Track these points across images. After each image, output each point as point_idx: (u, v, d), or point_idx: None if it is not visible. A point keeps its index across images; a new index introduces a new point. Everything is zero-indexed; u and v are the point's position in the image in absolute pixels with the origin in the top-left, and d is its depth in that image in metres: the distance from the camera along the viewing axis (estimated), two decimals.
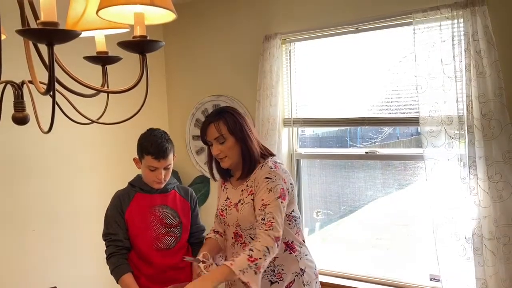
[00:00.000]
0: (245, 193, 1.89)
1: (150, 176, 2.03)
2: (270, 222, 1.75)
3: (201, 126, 1.94)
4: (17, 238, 2.62)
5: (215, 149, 1.89)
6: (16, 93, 1.03)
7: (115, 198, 2.09)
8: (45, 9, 0.76)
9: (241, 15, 3.21)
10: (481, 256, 2.27)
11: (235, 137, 1.87)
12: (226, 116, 1.88)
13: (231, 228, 1.93)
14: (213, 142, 1.90)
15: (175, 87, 3.64)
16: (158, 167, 1.99)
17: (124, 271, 1.97)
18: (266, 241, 1.72)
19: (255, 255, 1.68)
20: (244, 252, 1.71)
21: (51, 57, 0.74)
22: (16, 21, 0.99)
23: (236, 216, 1.88)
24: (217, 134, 1.87)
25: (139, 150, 2.03)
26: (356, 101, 2.84)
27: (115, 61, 1.16)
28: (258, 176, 1.85)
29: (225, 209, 1.96)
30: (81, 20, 1.12)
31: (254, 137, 1.93)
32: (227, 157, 1.89)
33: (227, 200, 1.97)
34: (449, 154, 2.37)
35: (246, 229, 1.87)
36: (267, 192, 1.80)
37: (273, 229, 1.74)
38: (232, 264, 1.66)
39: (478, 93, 2.23)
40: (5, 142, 2.55)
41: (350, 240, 3.18)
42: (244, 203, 1.87)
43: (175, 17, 0.99)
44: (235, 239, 1.92)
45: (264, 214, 1.76)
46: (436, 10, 2.34)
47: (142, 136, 2.06)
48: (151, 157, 1.97)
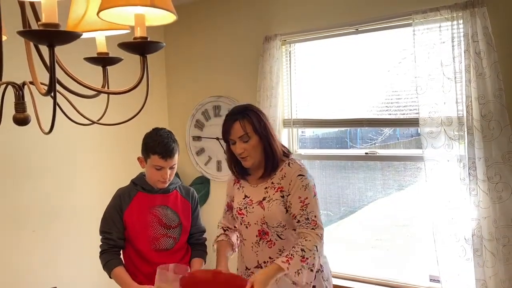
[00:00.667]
0: (271, 190, 1.88)
1: (155, 176, 2.01)
2: (314, 220, 1.81)
3: (224, 123, 1.90)
4: (17, 238, 2.62)
5: (238, 148, 1.86)
6: (17, 94, 1.03)
7: (116, 197, 2.08)
8: (46, 10, 0.76)
9: (241, 16, 3.21)
10: (480, 257, 2.28)
11: (259, 136, 1.86)
12: (251, 115, 1.87)
13: (254, 226, 1.90)
14: (236, 141, 1.87)
15: (175, 88, 3.64)
16: (164, 167, 1.98)
17: (115, 265, 1.99)
18: (314, 240, 1.78)
19: (307, 255, 1.74)
20: (296, 252, 1.74)
21: (52, 58, 0.75)
22: (17, 22, 0.99)
23: (261, 213, 1.87)
24: (242, 132, 1.84)
25: (145, 150, 2.02)
26: (356, 102, 2.85)
27: (116, 62, 1.16)
28: (290, 174, 1.86)
29: (244, 208, 1.93)
30: (82, 21, 1.12)
31: (275, 136, 1.94)
32: (250, 156, 1.87)
33: (246, 198, 1.94)
34: (449, 155, 2.37)
35: (274, 226, 1.86)
36: (304, 190, 1.83)
37: (318, 227, 1.81)
38: (288, 268, 1.70)
39: (478, 94, 2.24)
40: (6, 143, 2.55)
41: (350, 241, 3.18)
42: (271, 200, 1.87)
43: (176, 18, 0.99)
44: (260, 237, 1.89)
45: (307, 214, 1.81)
46: (436, 11, 2.35)
47: (148, 135, 2.04)
48: (158, 157, 1.95)
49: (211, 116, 3.42)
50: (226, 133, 1.89)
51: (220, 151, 3.38)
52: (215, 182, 3.44)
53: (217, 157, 3.42)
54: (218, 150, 3.39)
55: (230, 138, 1.89)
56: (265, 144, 1.87)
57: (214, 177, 3.44)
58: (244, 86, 3.21)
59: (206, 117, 3.44)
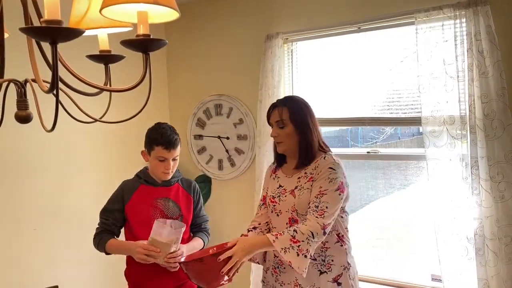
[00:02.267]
0: (303, 180, 1.93)
1: (159, 167, 2.10)
2: (322, 210, 1.81)
3: (269, 107, 2.03)
4: (18, 237, 2.62)
5: (273, 131, 1.98)
6: (19, 92, 1.03)
7: (119, 190, 2.17)
8: (49, 7, 0.76)
9: (243, 15, 3.20)
10: (483, 256, 2.27)
11: (295, 126, 1.93)
12: (292, 104, 1.96)
13: (285, 214, 1.95)
14: (274, 124, 1.98)
15: (177, 87, 3.64)
16: (167, 158, 2.07)
17: (107, 239, 2.09)
18: (313, 226, 1.78)
19: (298, 237, 1.76)
20: (288, 231, 1.78)
21: (55, 56, 0.74)
22: (19, 19, 0.98)
23: (292, 201, 1.92)
24: (278, 117, 1.95)
25: (149, 142, 2.11)
26: (357, 101, 2.84)
27: (118, 59, 1.16)
28: (322, 165, 1.90)
29: (277, 196, 1.99)
30: (84, 18, 1.12)
31: (316, 130, 1.98)
32: (283, 143, 1.96)
33: (280, 187, 2.00)
34: (451, 154, 2.36)
35: (303, 214, 1.90)
36: (327, 182, 1.85)
37: (324, 217, 1.80)
38: (274, 241, 1.75)
39: (481, 93, 2.23)
40: (8, 140, 2.55)
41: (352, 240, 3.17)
42: (302, 188, 1.91)
43: (178, 15, 0.99)
44: (290, 224, 1.93)
45: (319, 202, 1.83)
46: (439, 10, 2.34)
47: (151, 129, 2.14)
48: (161, 148, 2.05)
49: (212, 114, 3.41)
50: (268, 116, 2.02)
51: (221, 149, 3.38)
52: (217, 181, 3.44)
53: (218, 156, 3.41)
54: (220, 149, 3.39)
55: (270, 122, 2.01)
56: (301, 134, 1.93)
57: (216, 176, 3.44)
58: (246, 84, 3.21)
59: (208, 116, 3.44)
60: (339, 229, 1.94)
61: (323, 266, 1.91)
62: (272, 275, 2.01)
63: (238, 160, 3.31)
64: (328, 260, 1.91)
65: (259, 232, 2.04)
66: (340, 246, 1.94)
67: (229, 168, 3.37)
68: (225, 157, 3.38)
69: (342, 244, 1.94)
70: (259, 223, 2.08)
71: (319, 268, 1.90)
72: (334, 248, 1.92)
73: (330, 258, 1.91)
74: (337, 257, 1.92)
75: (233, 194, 3.36)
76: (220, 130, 3.39)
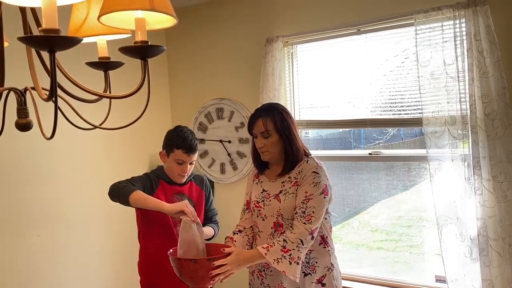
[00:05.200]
0: (287, 184, 1.96)
1: (176, 170, 2.17)
2: (309, 215, 1.85)
3: (250, 117, 2.04)
4: (22, 243, 2.63)
5: (258, 142, 1.99)
6: (19, 100, 1.03)
7: (146, 177, 2.18)
8: (47, 16, 0.77)
9: (243, 19, 3.21)
10: (486, 256, 2.26)
11: (280, 135, 1.96)
12: (275, 114, 1.98)
13: (270, 218, 1.98)
14: (258, 135, 1.99)
15: (178, 91, 3.65)
16: (186, 161, 2.15)
17: (136, 189, 2.03)
18: (301, 233, 1.83)
19: (288, 246, 1.81)
20: (278, 241, 1.82)
21: (53, 64, 0.75)
22: (19, 28, 0.99)
23: (278, 206, 1.95)
24: (263, 129, 1.96)
25: (169, 145, 2.17)
26: (359, 102, 2.84)
27: (117, 66, 1.16)
28: (306, 169, 1.93)
29: (262, 201, 2.02)
30: (83, 26, 1.13)
31: (298, 136, 2.02)
32: (268, 152, 1.98)
33: (264, 192, 2.03)
34: (453, 154, 2.36)
35: (288, 218, 1.93)
36: (312, 186, 1.89)
37: (311, 223, 1.85)
38: (266, 254, 1.79)
39: (481, 93, 2.22)
40: (9, 148, 2.56)
41: (355, 242, 3.17)
42: (287, 193, 1.94)
43: (176, 22, 0.99)
44: (275, 229, 1.97)
45: (306, 208, 1.86)
46: (438, 10, 2.34)
47: (172, 131, 2.22)
48: (181, 151, 2.12)
49: (214, 118, 3.42)
50: (250, 127, 2.03)
51: (223, 153, 3.38)
52: (219, 184, 3.44)
53: (220, 160, 3.42)
54: (222, 153, 3.39)
55: (253, 132, 2.02)
56: (285, 142, 1.97)
57: (218, 180, 3.44)
58: (247, 88, 3.21)
59: (209, 120, 3.44)
60: (323, 230, 1.98)
61: (308, 268, 1.95)
62: (258, 277, 2.05)
63: (240, 164, 3.31)
64: (312, 262, 1.95)
65: (244, 236, 2.07)
66: (324, 248, 1.98)
67: (231, 172, 3.37)
68: (227, 161, 3.38)
69: (326, 246, 1.99)
70: (244, 227, 2.10)
71: (303, 270, 1.93)
72: (318, 250, 1.96)
73: (314, 260, 1.96)
74: (321, 258, 1.97)
75: (236, 197, 3.36)
76: (221, 133, 3.40)
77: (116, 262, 3.13)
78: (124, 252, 3.09)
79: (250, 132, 2.04)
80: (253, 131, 2.01)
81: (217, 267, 1.74)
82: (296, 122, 2.07)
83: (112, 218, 3.05)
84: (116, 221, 3.06)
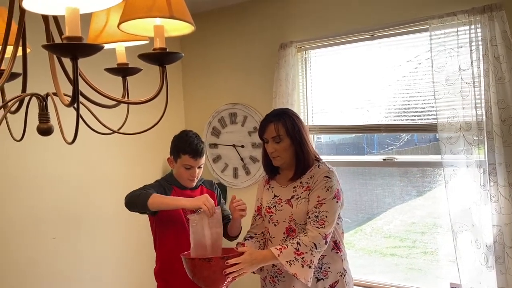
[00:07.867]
0: (299, 189, 1.96)
1: (185, 175, 2.16)
2: (322, 220, 1.86)
3: (261, 122, 2.05)
4: (37, 246, 2.67)
5: (270, 147, 1.99)
6: (41, 105, 1.06)
7: (158, 185, 2.17)
8: (70, 24, 0.79)
9: (257, 24, 3.23)
10: (503, 264, 2.23)
11: (291, 140, 1.96)
12: (286, 119, 1.98)
13: (282, 224, 1.98)
14: (269, 140, 1.99)
15: (192, 96, 3.68)
16: (193, 166, 2.13)
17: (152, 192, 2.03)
18: (315, 237, 1.83)
19: (302, 249, 1.81)
20: (291, 244, 1.83)
21: (76, 71, 0.77)
22: (40, 35, 1.02)
23: (290, 211, 1.95)
24: (274, 134, 1.96)
25: (175, 150, 2.17)
26: (373, 108, 2.83)
27: (135, 72, 1.18)
28: (317, 174, 1.94)
29: (273, 206, 2.02)
30: (102, 33, 1.15)
31: (309, 141, 2.03)
32: (280, 157, 1.98)
33: (276, 197, 2.03)
34: (468, 160, 2.34)
35: (301, 223, 1.94)
36: (325, 190, 1.89)
37: (325, 227, 1.85)
38: (279, 255, 1.80)
39: (497, 98, 2.20)
40: (30, 152, 2.61)
41: (369, 248, 3.15)
42: (299, 198, 1.95)
43: (194, 29, 1.01)
44: (288, 234, 1.97)
45: (319, 212, 1.87)
46: (453, 16, 2.33)
47: (177, 137, 2.20)
48: (188, 156, 2.11)
49: (227, 123, 3.44)
50: (261, 132, 2.03)
51: (236, 158, 3.40)
52: (232, 189, 3.45)
53: (233, 164, 3.43)
54: (235, 157, 3.41)
55: (264, 137, 2.02)
56: (296, 147, 1.97)
57: (231, 184, 3.46)
58: (260, 93, 3.23)
59: (223, 125, 3.46)
60: (335, 235, 1.98)
61: (320, 273, 1.95)
62: (270, 283, 2.04)
63: (253, 168, 3.32)
64: (325, 267, 1.95)
65: (255, 242, 2.07)
66: (336, 253, 1.98)
67: (244, 176, 3.38)
68: (240, 166, 3.39)
69: (338, 251, 1.99)
70: (255, 233, 2.11)
71: (316, 275, 1.93)
72: (331, 255, 1.96)
73: (327, 265, 1.96)
74: (334, 264, 1.97)
75: (248, 202, 3.33)
76: (235, 138, 3.41)
77: (132, 266, 3.15)
78: (140, 256, 3.12)
79: (261, 137, 2.04)
80: (264, 136, 2.01)
81: (231, 266, 1.75)
82: (308, 127, 2.07)
83: (127, 222, 3.08)
84: (132, 224, 3.09)
